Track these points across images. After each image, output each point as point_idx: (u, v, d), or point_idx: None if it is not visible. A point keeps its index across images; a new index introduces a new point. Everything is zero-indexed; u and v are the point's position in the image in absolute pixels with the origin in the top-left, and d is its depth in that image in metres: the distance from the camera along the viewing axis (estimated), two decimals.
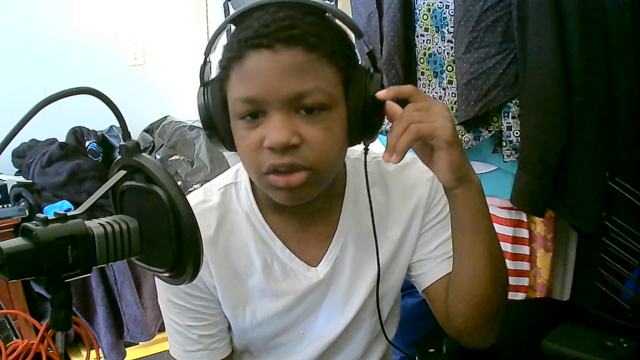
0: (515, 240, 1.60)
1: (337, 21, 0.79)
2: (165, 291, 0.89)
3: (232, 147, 0.80)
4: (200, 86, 0.80)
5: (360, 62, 0.81)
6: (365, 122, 0.78)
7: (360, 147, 0.83)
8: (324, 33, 0.75)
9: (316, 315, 0.93)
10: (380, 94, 0.76)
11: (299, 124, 0.74)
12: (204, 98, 0.79)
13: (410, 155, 0.97)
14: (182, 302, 0.89)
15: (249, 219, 0.89)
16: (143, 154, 0.56)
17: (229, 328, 0.95)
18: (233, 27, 0.79)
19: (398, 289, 0.98)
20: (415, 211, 0.93)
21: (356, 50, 0.81)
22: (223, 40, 0.80)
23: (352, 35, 0.80)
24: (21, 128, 0.50)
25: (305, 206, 0.83)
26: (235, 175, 0.92)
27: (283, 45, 0.72)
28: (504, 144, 1.45)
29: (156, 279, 0.90)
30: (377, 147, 1.86)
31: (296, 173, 0.75)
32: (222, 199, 0.90)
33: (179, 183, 2.36)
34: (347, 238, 0.91)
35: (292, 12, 0.74)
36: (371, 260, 0.90)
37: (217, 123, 0.79)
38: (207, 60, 0.81)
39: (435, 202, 0.93)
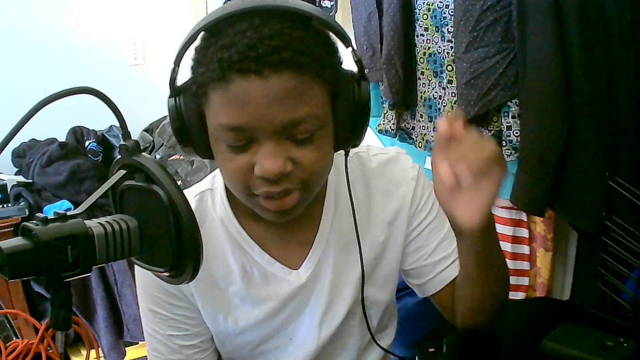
0: (515, 239, 1.60)
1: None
2: (146, 300, 0.87)
3: (206, 155, 0.76)
4: (171, 96, 0.73)
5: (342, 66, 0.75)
6: (351, 132, 0.76)
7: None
8: (313, 48, 0.68)
9: (301, 321, 0.90)
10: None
11: (291, 149, 0.71)
12: (176, 108, 0.73)
13: (395, 149, 0.93)
14: (163, 310, 0.87)
15: (224, 226, 0.86)
16: (143, 153, 0.56)
17: (212, 339, 0.92)
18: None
19: (390, 294, 0.95)
20: (398, 213, 0.89)
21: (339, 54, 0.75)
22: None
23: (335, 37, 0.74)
24: (21, 128, 0.50)
25: None
26: (212, 181, 0.89)
27: (272, 70, 0.65)
28: (504, 144, 1.45)
29: (138, 289, 0.88)
30: (372, 140, 1.85)
31: (289, 196, 0.73)
32: (198, 205, 0.86)
33: (179, 183, 2.36)
34: (328, 240, 0.88)
35: (277, 25, 0.67)
36: (354, 263, 0.87)
37: (192, 135, 0.74)
38: (177, 69, 0.73)
39: (422, 204, 0.90)
